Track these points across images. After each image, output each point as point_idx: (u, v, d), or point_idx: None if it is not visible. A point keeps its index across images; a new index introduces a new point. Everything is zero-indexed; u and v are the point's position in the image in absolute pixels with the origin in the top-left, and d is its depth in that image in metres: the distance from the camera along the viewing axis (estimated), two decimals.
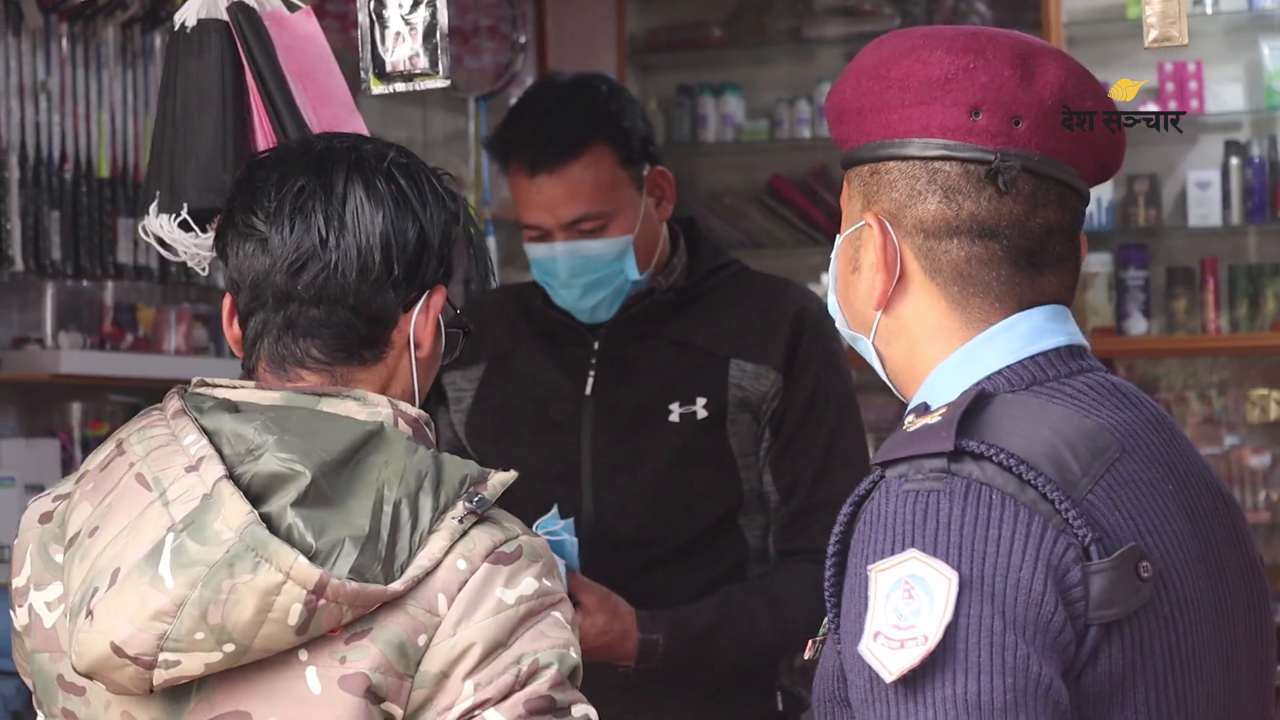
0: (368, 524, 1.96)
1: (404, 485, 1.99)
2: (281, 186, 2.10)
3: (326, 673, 1.97)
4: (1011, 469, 1.72)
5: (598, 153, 3.18)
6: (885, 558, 1.69)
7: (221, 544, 1.94)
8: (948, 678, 1.65)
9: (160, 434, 2.05)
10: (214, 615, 1.93)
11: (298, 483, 1.97)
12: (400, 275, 2.10)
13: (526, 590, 2.00)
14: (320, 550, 1.95)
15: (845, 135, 1.93)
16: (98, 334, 5.02)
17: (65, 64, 4.87)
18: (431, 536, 1.98)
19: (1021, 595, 1.67)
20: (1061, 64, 1.88)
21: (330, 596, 1.92)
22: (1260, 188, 6.36)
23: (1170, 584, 1.77)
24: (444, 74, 2.40)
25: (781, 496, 3.23)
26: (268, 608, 1.93)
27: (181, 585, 1.93)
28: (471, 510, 2.00)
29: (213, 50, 2.43)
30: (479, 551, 1.99)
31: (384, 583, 1.95)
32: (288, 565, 1.92)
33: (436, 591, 1.97)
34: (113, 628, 1.94)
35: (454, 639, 1.97)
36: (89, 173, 4.89)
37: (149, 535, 1.97)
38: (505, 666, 1.98)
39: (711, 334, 3.24)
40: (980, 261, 1.86)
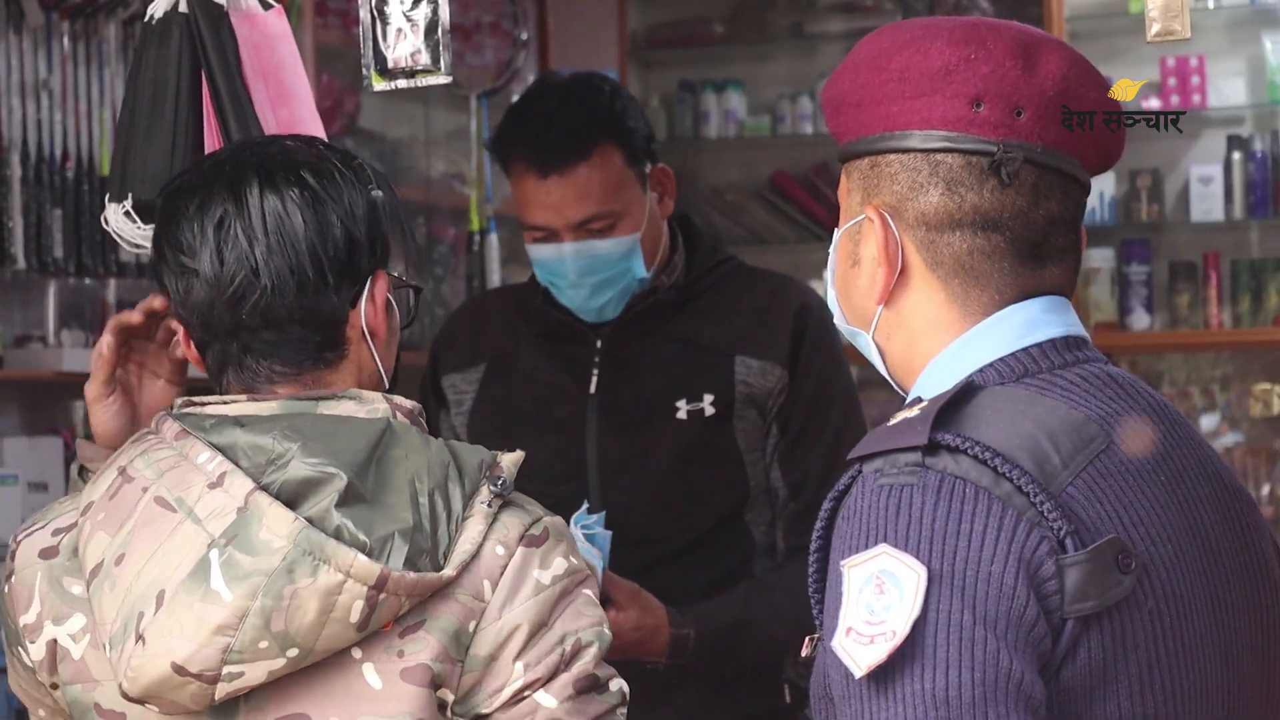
0: (410, 516, 2.00)
1: (433, 476, 2.02)
2: (201, 216, 2.09)
3: (385, 668, 2.00)
4: (986, 462, 1.71)
5: (605, 152, 3.18)
6: (858, 553, 1.69)
7: (274, 552, 1.95)
8: (916, 673, 1.65)
9: (166, 456, 2.05)
10: (277, 623, 1.95)
11: (335, 484, 1.99)
12: (335, 281, 2.09)
13: (559, 570, 2.07)
14: (374, 547, 1.97)
15: (843, 128, 1.92)
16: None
17: (66, 62, 4.87)
18: (467, 522, 2.03)
19: (993, 589, 1.66)
20: (1063, 54, 1.87)
21: (391, 590, 1.96)
22: (1263, 182, 6.36)
23: (1156, 576, 1.75)
24: (446, 70, 2.40)
25: (790, 492, 3.23)
26: (330, 608, 1.95)
27: (241, 597, 1.94)
28: (496, 493, 2.05)
29: (172, 44, 2.44)
30: (513, 536, 2.05)
31: (434, 571, 1.99)
32: (348, 564, 1.95)
33: (481, 578, 2.02)
34: (170, 649, 1.95)
35: (500, 622, 2.02)
36: (91, 170, 4.88)
37: (188, 554, 1.97)
38: (551, 646, 2.04)
39: (714, 331, 3.25)
40: (983, 254, 1.85)
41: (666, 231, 3.29)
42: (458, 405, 3.34)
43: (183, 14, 2.44)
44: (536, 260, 3.24)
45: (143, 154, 2.43)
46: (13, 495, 4.54)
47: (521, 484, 2.16)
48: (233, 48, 2.43)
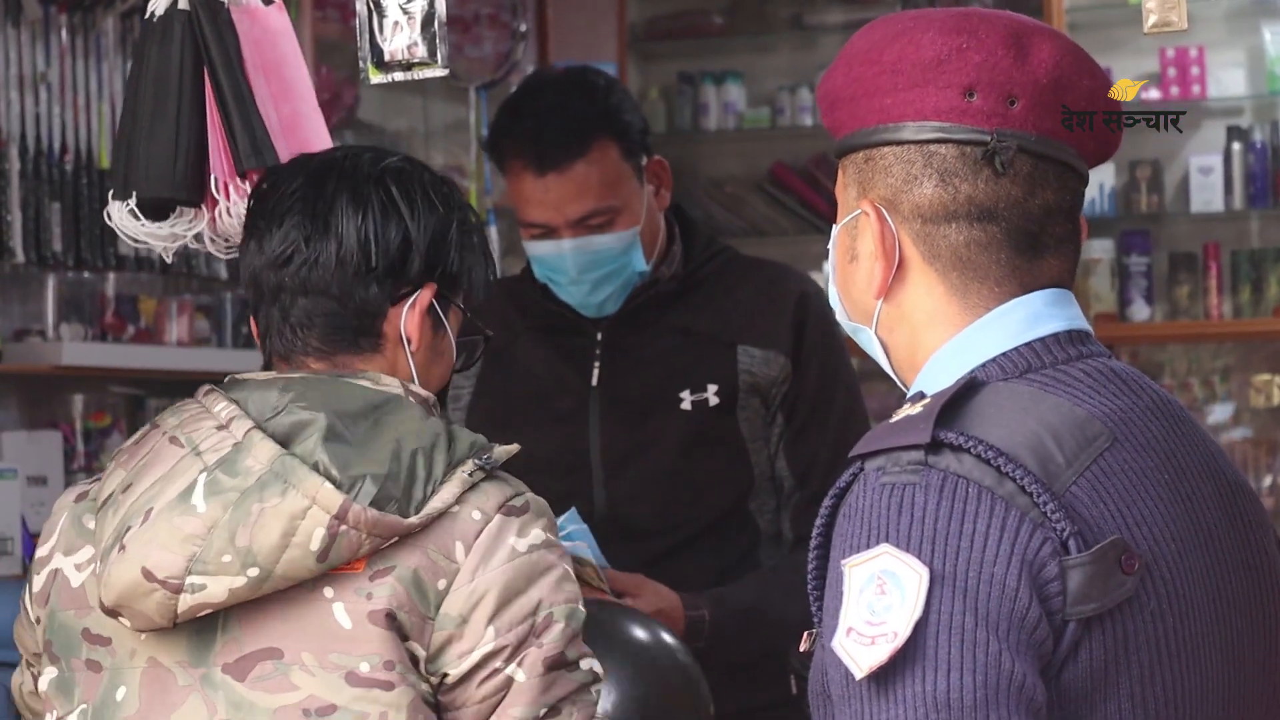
0: (387, 464, 2.08)
1: (420, 439, 2.11)
2: (279, 190, 2.26)
3: (354, 607, 2.08)
4: (989, 461, 1.69)
5: (603, 147, 3.17)
6: (859, 552, 1.68)
7: (252, 474, 2.07)
8: (918, 675, 1.63)
9: (193, 408, 2.19)
10: (241, 537, 2.05)
11: (317, 424, 2.09)
12: (381, 270, 2.22)
13: (536, 540, 2.13)
14: (343, 481, 2.07)
15: (838, 123, 1.91)
16: (99, 325, 5.02)
17: (65, 55, 4.87)
18: (444, 485, 2.10)
19: (995, 591, 1.65)
20: (1056, 43, 1.86)
21: (351, 522, 2.04)
22: (1262, 173, 6.36)
23: (1159, 576, 1.74)
24: (442, 63, 2.40)
25: (797, 481, 3.23)
26: (293, 531, 2.05)
27: (214, 509, 2.06)
28: (480, 466, 2.12)
29: (174, 41, 2.44)
30: (492, 503, 2.12)
31: (401, 516, 2.07)
32: (313, 491, 2.04)
33: (454, 539, 2.10)
34: (145, 554, 2.06)
35: (472, 584, 2.09)
36: (89, 164, 4.88)
37: (182, 479, 2.09)
38: (523, 615, 2.10)
39: (714, 321, 3.24)
40: (980, 246, 1.84)
41: (663, 223, 3.29)
42: (455, 401, 3.34)
43: (183, 10, 2.44)
44: (535, 257, 3.24)
45: (146, 152, 2.43)
46: (12, 489, 4.53)
47: (524, 477, 2.18)
48: (234, 44, 2.44)
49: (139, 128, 2.45)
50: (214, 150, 2.42)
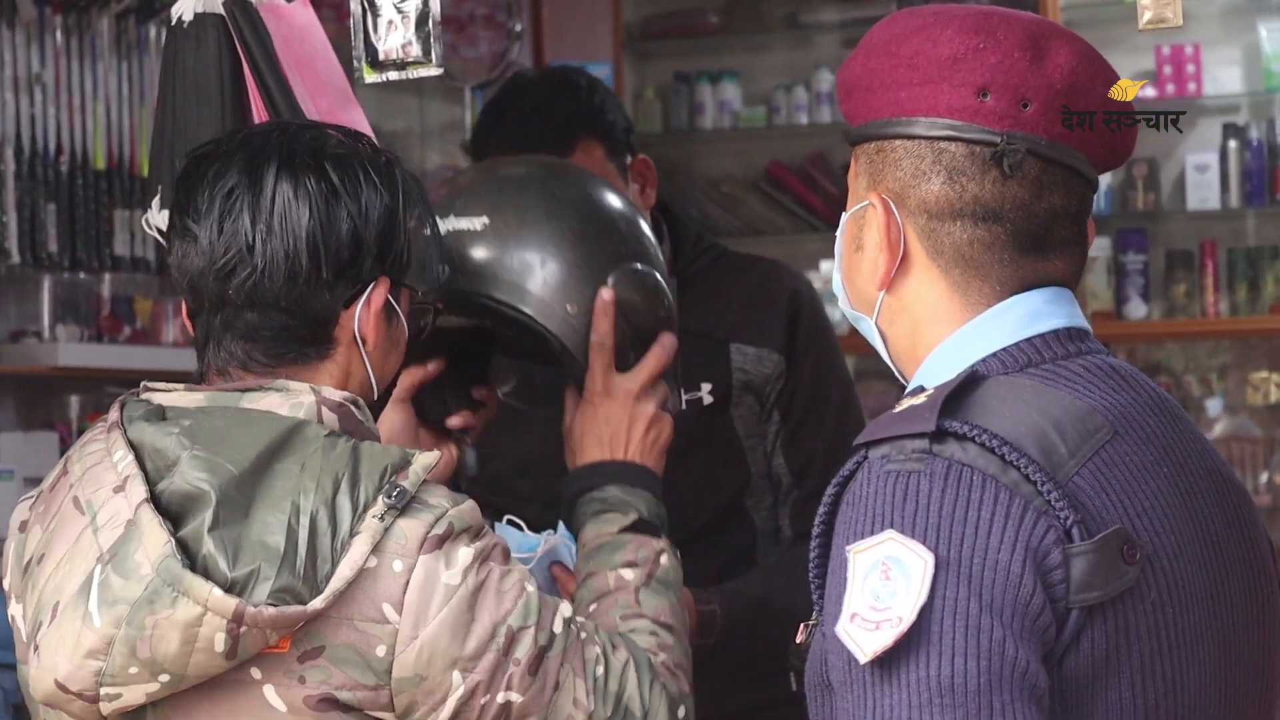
0: (283, 542, 1.96)
1: (320, 491, 1.98)
2: (214, 185, 2.10)
3: (287, 692, 1.99)
4: (994, 450, 1.70)
5: (587, 148, 3.16)
6: (864, 539, 1.68)
7: (141, 579, 1.96)
8: (922, 660, 1.63)
9: (96, 450, 2.07)
10: (143, 650, 1.95)
11: (206, 502, 1.98)
12: (330, 277, 2.09)
13: (465, 560, 2.02)
14: (237, 579, 1.95)
15: (853, 111, 1.92)
16: (95, 326, 5.02)
17: (60, 56, 4.86)
18: (354, 540, 1.98)
19: (999, 577, 1.65)
20: (1073, 47, 1.86)
21: (250, 623, 1.93)
22: (1259, 170, 6.36)
23: (1159, 567, 1.75)
24: (437, 62, 2.40)
25: (794, 478, 3.23)
26: (193, 639, 1.95)
27: (108, 624, 1.96)
28: (391, 506, 1.99)
29: (210, 45, 2.43)
30: (412, 546, 2.00)
31: (307, 599, 1.95)
32: (204, 598, 1.93)
33: (380, 600, 1.98)
34: (55, 665, 1.98)
35: (418, 642, 1.99)
36: (85, 165, 4.88)
37: (82, 566, 2.00)
38: (483, 645, 2.01)
39: (706, 319, 3.24)
40: (983, 244, 1.84)
41: (650, 222, 3.29)
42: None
43: (216, 15, 2.43)
44: None
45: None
46: (8, 490, 4.54)
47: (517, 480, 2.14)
48: (270, 42, 2.43)
49: (178, 134, 2.44)
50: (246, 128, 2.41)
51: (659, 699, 2.17)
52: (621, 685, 2.13)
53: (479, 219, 2.38)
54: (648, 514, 2.41)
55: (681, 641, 2.29)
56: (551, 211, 2.43)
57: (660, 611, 2.30)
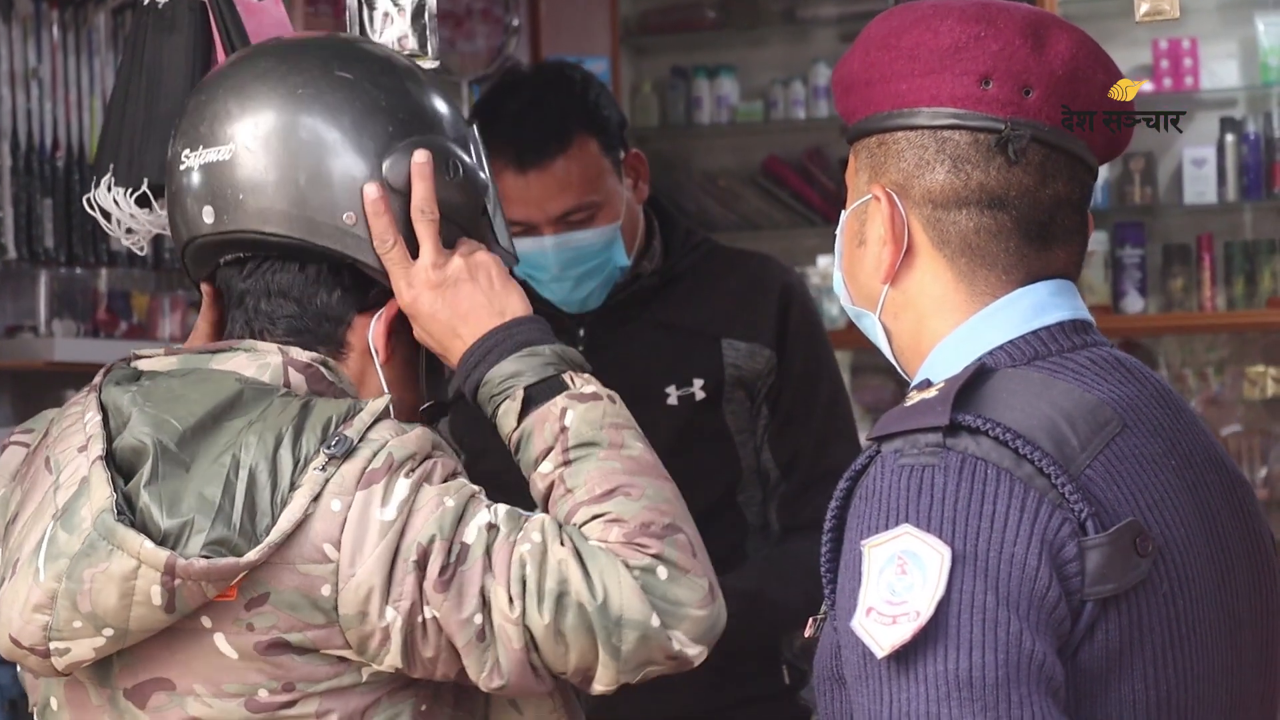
0: (219, 495, 1.96)
1: (262, 445, 1.97)
2: None
3: (237, 639, 1.98)
4: (1008, 443, 1.70)
5: (583, 143, 3.16)
6: (879, 533, 1.68)
7: (81, 534, 1.97)
8: (939, 654, 1.64)
9: (74, 413, 2.07)
10: (83, 604, 1.96)
11: (147, 454, 1.99)
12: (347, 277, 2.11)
13: (402, 494, 1.97)
14: (170, 531, 1.95)
15: (852, 108, 1.92)
16: (91, 321, 5.02)
17: (56, 51, 4.86)
18: (294, 493, 1.96)
19: (1015, 571, 1.66)
20: (1073, 36, 1.87)
21: (182, 575, 1.93)
22: (1256, 164, 6.35)
23: (1170, 560, 1.75)
24: (433, 55, 2.40)
25: (782, 472, 3.23)
26: (130, 592, 1.95)
27: (50, 578, 1.97)
28: (333, 455, 1.97)
29: (184, 30, 2.42)
30: (349, 484, 1.96)
31: (244, 551, 1.95)
32: (135, 550, 1.94)
33: (320, 541, 1.96)
34: (9, 620, 2.00)
35: (356, 579, 1.96)
36: (81, 160, 4.88)
37: (40, 524, 2.01)
38: (404, 573, 1.96)
39: (698, 314, 3.24)
40: (989, 233, 1.85)
41: (642, 217, 3.28)
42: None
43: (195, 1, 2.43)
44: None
45: (156, 139, 2.40)
46: None
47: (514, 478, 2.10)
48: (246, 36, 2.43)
49: (140, 114, 2.43)
50: None
51: (618, 582, 1.98)
52: (562, 581, 1.96)
53: (224, 146, 2.10)
54: (534, 375, 2.09)
55: (636, 489, 2.06)
56: (295, 118, 2.11)
57: (592, 482, 2.04)
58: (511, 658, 1.97)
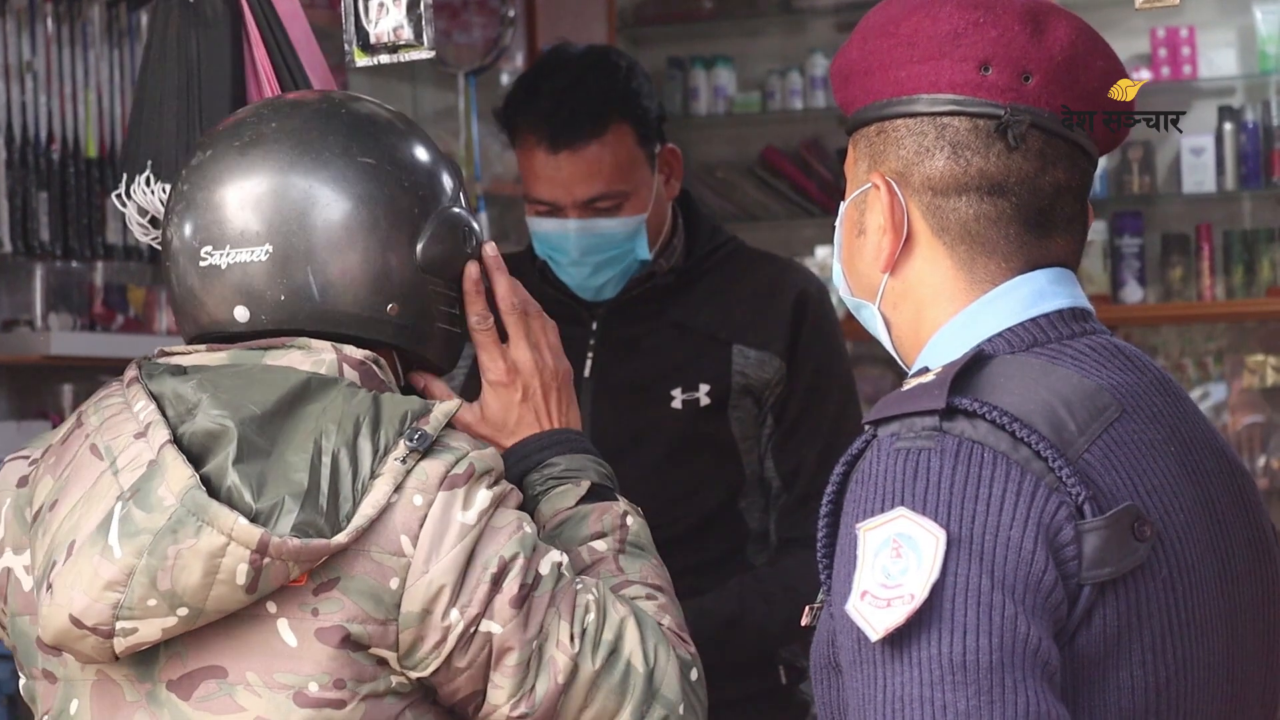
0: (306, 478, 1.98)
1: (341, 433, 2.01)
2: None
3: (300, 625, 1.99)
4: (1005, 427, 1.70)
5: (619, 131, 3.14)
6: (874, 516, 1.68)
7: (164, 510, 1.97)
8: (934, 637, 1.63)
9: (115, 403, 2.08)
10: (163, 581, 1.96)
11: (228, 438, 2.00)
12: None
13: (483, 504, 2.02)
14: (261, 510, 1.97)
15: (851, 98, 1.91)
16: (88, 315, 5.00)
17: (51, 44, 4.85)
18: (375, 481, 2.00)
19: (1011, 554, 1.65)
20: (1071, 22, 1.87)
21: (274, 554, 1.95)
22: (1254, 153, 6.35)
23: (1169, 545, 1.75)
24: (429, 45, 2.39)
25: (784, 483, 3.21)
26: (214, 570, 1.96)
27: (129, 554, 1.97)
28: (414, 449, 2.01)
29: (220, 24, 2.42)
30: (432, 482, 2.01)
31: (329, 535, 1.97)
32: (229, 527, 1.95)
33: (399, 533, 2.00)
34: (70, 600, 1.98)
35: (428, 576, 2.00)
36: (76, 153, 4.86)
37: (101, 506, 2.00)
38: (476, 581, 2.01)
39: (712, 317, 3.21)
40: (989, 220, 1.84)
41: (670, 213, 3.26)
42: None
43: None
44: (538, 234, 3.20)
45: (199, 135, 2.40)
46: None
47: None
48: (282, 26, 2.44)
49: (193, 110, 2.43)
50: None
51: (667, 659, 2.09)
52: (618, 638, 2.06)
53: (260, 247, 2.08)
54: (598, 478, 2.25)
55: (675, 601, 2.20)
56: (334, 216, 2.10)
57: (646, 574, 2.19)
58: (550, 690, 2.04)
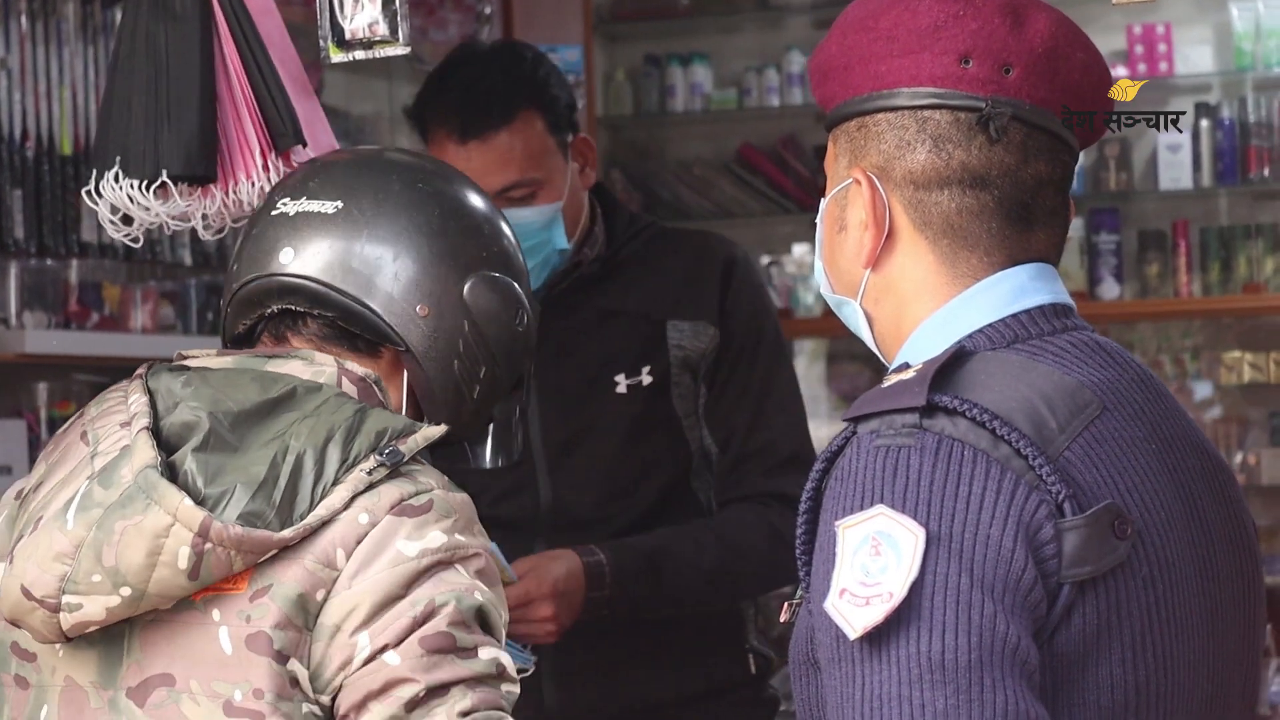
0: (263, 472, 1.98)
1: (312, 436, 2.01)
2: None
3: (236, 632, 1.98)
4: (985, 424, 1.69)
5: (528, 119, 3.15)
6: (854, 514, 1.67)
7: (120, 488, 1.98)
8: (912, 635, 1.63)
9: (115, 397, 2.11)
10: (108, 557, 1.96)
11: (200, 429, 2.01)
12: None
13: (432, 544, 1.99)
14: (209, 495, 1.98)
15: (830, 94, 1.91)
16: (63, 313, 4.99)
17: (25, 41, 4.83)
18: (335, 488, 1.99)
19: (991, 553, 1.65)
20: (1050, 15, 1.87)
21: (215, 539, 1.94)
22: (1230, 150, 6.35)
23: (1150, 543, 1.74)
24: (404, 41, 2.39)
25: (719, 448, 3.21)
26: (157, 550, 1.96)
27: (80, 527, 1.98)
28: (382, 463, 2.00)
29: (190, 19, 2.41)
30: (383, 505, 1.99)
31: (277, 530, 1.96)
32: (173, 507, 1.95)
33: (335, 545, 1.98)
34: (23, 571, 2.00)
35: (349, 591, 1.97)
36: (51, 150, 4.85)
37: (73, 486, 2.02)
38: (399, 613, 1.97)
39: (642, 298, 3.22)
40: (971, 213, 1.84)
41: (587, 203, 3.27)
42: None
43: None
44: None
45: (174, 130, 2.40)
46: None
47: (468, 473, 2.11)
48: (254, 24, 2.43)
49: (162, 104, 2.41)
50: (248, 128, 2.40)
51: None
52: None
53: (332, 202, 2.19)
54: None
55: None
56: (412, 202, 2.22)
57: None
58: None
